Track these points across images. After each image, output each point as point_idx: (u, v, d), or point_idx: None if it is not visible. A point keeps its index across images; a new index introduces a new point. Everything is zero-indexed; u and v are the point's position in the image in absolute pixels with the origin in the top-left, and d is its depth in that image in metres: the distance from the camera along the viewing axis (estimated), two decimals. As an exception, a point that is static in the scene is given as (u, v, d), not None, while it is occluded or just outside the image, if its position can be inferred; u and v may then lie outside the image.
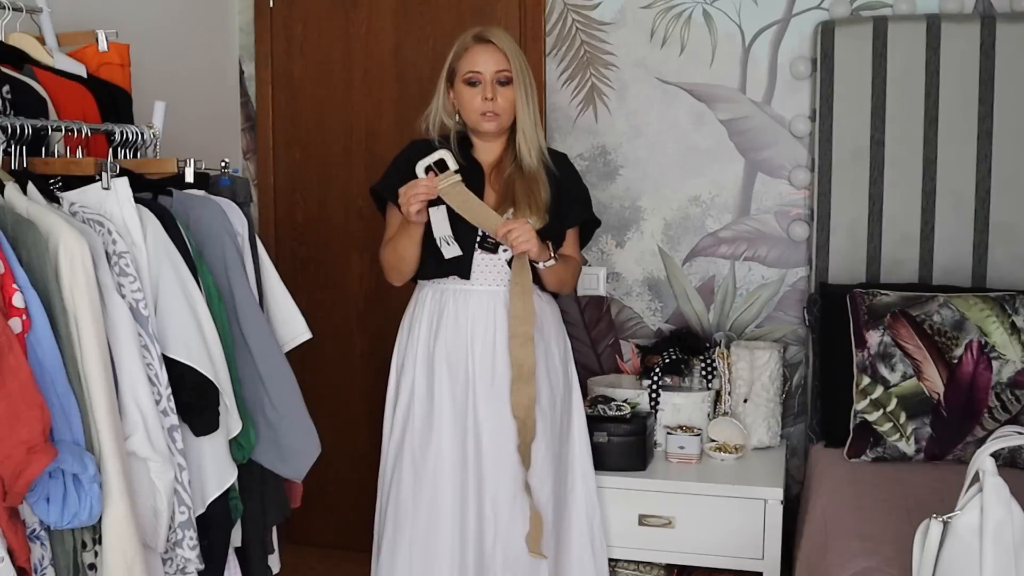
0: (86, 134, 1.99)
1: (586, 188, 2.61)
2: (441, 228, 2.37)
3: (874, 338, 2.62)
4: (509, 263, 2.41)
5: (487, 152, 2.49)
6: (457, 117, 2.48)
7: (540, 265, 2.39)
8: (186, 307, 1.86)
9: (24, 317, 1.60)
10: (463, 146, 2.48)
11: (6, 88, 1.96)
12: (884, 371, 2.59)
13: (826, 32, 2.93)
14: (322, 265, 3.55)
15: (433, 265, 2.43)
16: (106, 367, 1.69)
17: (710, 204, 3.17)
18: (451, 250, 2.38)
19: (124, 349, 1.75)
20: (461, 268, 2.41)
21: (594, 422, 2.72)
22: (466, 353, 2.42)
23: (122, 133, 2.08)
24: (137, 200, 1.87)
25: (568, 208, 2.51)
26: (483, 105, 2.39)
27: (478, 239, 2.41)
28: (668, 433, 2.85)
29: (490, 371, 2.41)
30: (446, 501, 2.39)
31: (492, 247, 2.40)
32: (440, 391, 2.42)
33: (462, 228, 2.38)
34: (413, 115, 3.29)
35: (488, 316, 2.42)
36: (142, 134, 2.14)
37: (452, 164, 2.33)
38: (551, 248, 2.41)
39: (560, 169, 2.50)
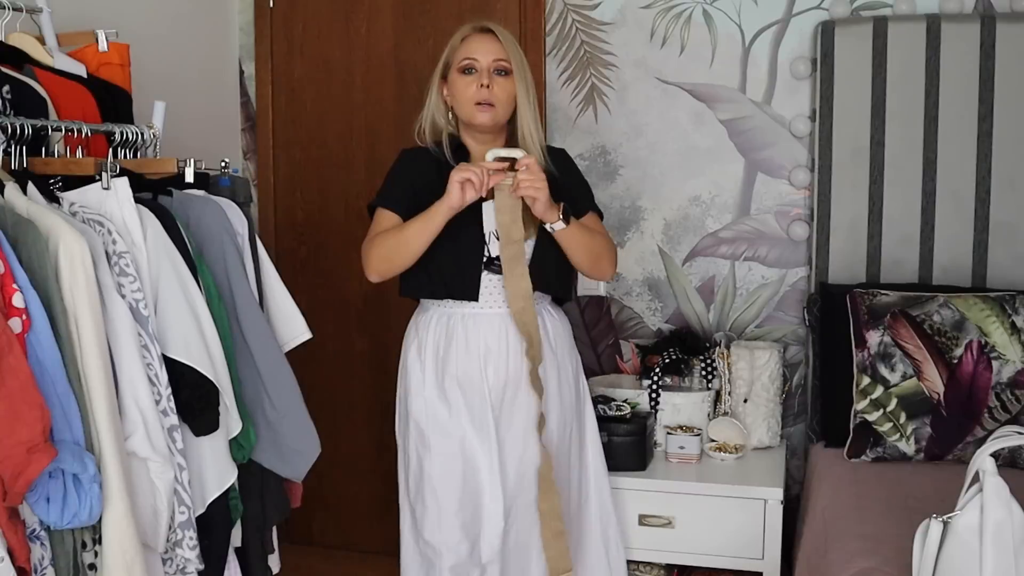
0: (86, 134, 1.99)
1: (587, 183, 2.50)
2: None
3: (874, 338, 2.62)
4: None
5: (480, 154, 2.30)
6: (450, 115, 2.34)
7: (548, 226, 2.22)
8: (186, 307, 1.86)
9: (24, 317, 1.60)
10: (459, 153, 2.32)
11: (6, 88, 1.96)
12: (884, 371, 2.59)
13: (826, 32, 2.93)
14: (322, 265, 3.55)
15: (440, 284, 2.29)
16: (106, 367, 1.69)
17: (710, 204, 3.17)
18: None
19: (124, 349, 1.75)
20: (468, 289, 2.28)
21: (594, 422, 2.73)
22: (480, 378, 2.29)
23: (122, 133, 2.08)
24: (137, 200, 1.87)
25: (568, 201, 2.34)
26: (478, 93, 2.24)
27: (484, 259, 2.28)
28: (668, 433, 2.85)
29: (500, 394, 2.30)
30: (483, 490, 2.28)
31: (498, 268, 2.27)
32: (457, 415, 2.28)
33: (469, 239, 2.26)
34: (413, 115, 3.29)
35: (500, 341, 2.29)
36: (142, 134, 2.14)
37: (520, 154, 2.19)
38: (563, 209, 2.21)
39: (559, 166, 2.37)
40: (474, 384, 2.29)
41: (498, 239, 2.24)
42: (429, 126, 2.35)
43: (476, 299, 2.28)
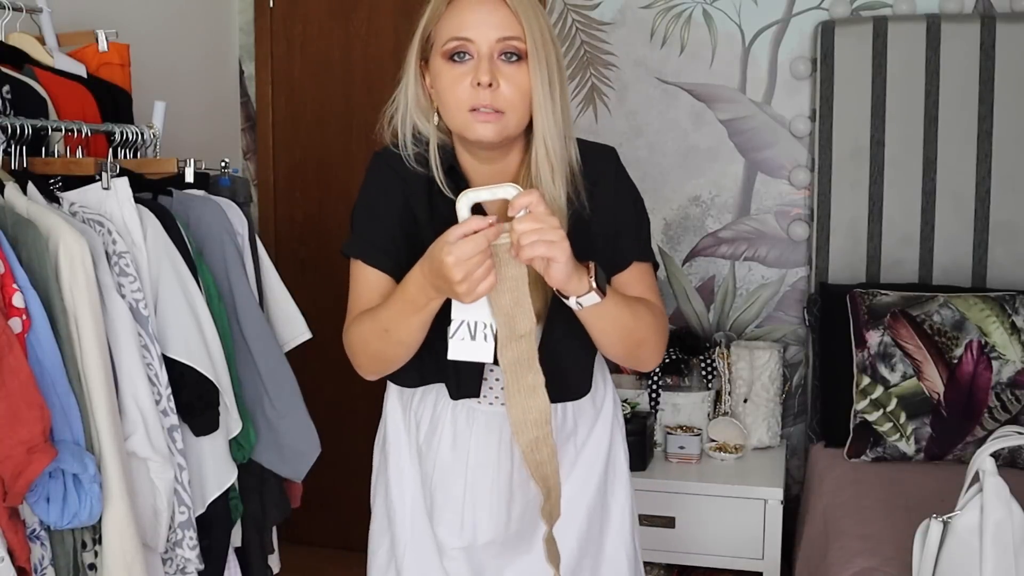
0: (86, 134, 1.99)
1: (642, 208, 1.69)
2: (476, 310, 1.43)
3: (874, 338, 2.62)
4: None
5: (484, 178, 1.52)
6: (436, 118, 1.53)
7: (572, 301, 1.40)
8: (186, 307, 1.86)
9: (24, 317, 1.60)
10: (451, 177, 1.53)
11: (6, 88, 1.96)
12: (884, 371, 2.59)
13: (826, 32, 2.93)
14: (322, 265, 3.55)
15: (432, 368, 1.58)
16: (106, 367, 1.69)
17: (710, 204, 3.17)
18: (476, 350, 1.44)
19: (124, 349, 1.75)
20: (464, 382, 1.58)
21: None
22: (460, 505, 1.62)
23: (122, 133, 2.08)
24: (137, 200, 1.87)
25: (609, 244, 1.56)
26: (474, 96, 1.43)
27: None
28: (668, 433, 2.85)
29: (504, 523, 1.61)
30: None
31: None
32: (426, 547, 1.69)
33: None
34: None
35: (502, 454, 1.60)
36: (142, 134, 2.14)
37: (511, 194, 1.37)
38: (595, 273, 1.40)
39: (600, 182, 1.58)
40: (452, 508, 1.64)
41: (494, 333, 1.43)
42: (407, 127, 1.56)
43: (476, 395, 1.60)
